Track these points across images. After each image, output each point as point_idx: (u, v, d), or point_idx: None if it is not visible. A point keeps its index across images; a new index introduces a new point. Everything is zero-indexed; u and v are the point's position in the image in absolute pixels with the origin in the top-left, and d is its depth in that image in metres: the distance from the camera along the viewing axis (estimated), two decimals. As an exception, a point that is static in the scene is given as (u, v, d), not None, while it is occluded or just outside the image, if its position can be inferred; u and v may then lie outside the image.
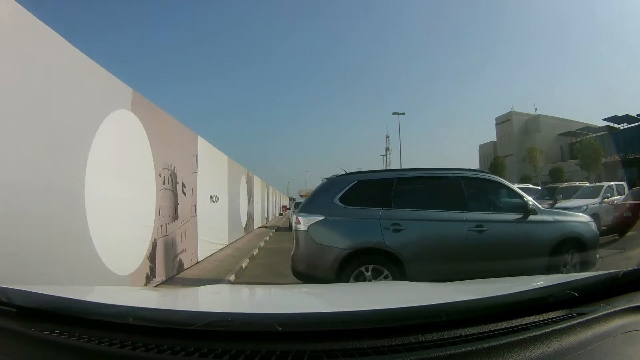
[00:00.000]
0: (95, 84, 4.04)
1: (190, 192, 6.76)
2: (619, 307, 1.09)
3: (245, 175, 13.57)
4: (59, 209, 3.31)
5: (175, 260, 6.02)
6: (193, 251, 6.89)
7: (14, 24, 2.90)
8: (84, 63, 3.81)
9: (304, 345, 0.91)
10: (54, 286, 2.08)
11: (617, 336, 0.98)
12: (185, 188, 6.43)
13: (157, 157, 5.38)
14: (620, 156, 33.91)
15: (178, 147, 6.31)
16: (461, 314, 1.05)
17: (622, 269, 1.17)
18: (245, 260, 7.60)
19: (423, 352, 0.89)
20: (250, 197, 14.53)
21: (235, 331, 0.96)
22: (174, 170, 5.98)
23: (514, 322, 1.02)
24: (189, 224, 6.65)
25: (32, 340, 0.99)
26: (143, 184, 5.01)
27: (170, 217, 5.83)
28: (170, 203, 5.83)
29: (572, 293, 1.11)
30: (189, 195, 6.64)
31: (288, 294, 1.95)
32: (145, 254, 5.02)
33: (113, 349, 0.92)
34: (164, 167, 5.64)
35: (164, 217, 5.57)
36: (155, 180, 5.32)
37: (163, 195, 5.58)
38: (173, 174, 5.96)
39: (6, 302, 1.09)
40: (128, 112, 4.79)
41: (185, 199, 6.44)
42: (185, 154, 6.68)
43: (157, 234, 5.35)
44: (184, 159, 6.58)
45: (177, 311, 1.22)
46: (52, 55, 3.33)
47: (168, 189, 5.78)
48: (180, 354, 0.89)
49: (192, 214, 6.84)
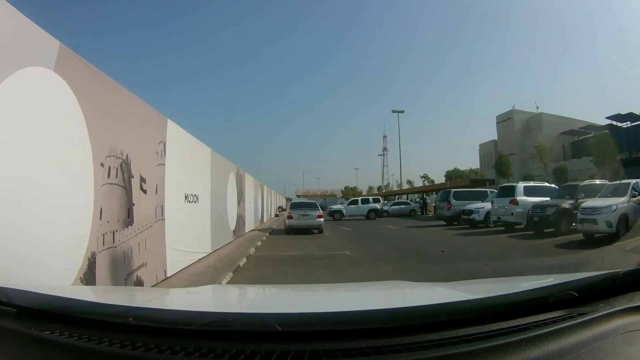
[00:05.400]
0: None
1: (154, 189, 5.25)
2: (619, 307, 1.08)
3: (235, 173, 12.04)
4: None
5: (129, 279, 4.52)
6: (159, 265, 5.39)
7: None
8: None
9: (304, 345, 0.90)
10: (54, 286, 2.20)
11: (617, 336, 0.98)
12: (145, 184, 4.93)
13: (98, 139, 3.90)
14: (624, 155, 33.31)
15: (135, 130, 4.81)
16: (461, 314, 1.04)
17: (622, 269, 1.15)
18: (227, 274, 6.10)
19: (423, 352, 0.89)
20: (241, 197, 12.99)
21: (235, 331, 0.95)
22: (126, 160, 4.48)
23: (514, 322, 1.02)
24: (153, 231, 5.15)
25: (32, 340, 0.98)
26: (72, 175, 3.51)
27: (121, 222, 4.33)
28: (120, 203, 4.33)
29: (572, 293, 1.11)
30: (151, 193, 5.13)
31: (288, 294, 1.94)
32: (77, 274, 3.53)
33: (113, 349, 0.92)
34: (109, 154, 4.15)
35: (108, 222, 4.08)
36: (93, 171, 3.83)
37: (107, 193, 4.08)
38: (125, 165, 4.46)
39: (6, 302, 1.07)
40: (50, 72, 3.32)
41: (145, 199, 4.94)
42: (147, 140, 5.17)
43: (97, 245, 3.85)
44: (145, 147, 5.08)
45: (177, 311, 1.21)
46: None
47: (116, 184, 4.28)
48: (180, 354, 0.89)
49: (158, 218, 5.34)
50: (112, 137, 4.23)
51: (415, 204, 32.44)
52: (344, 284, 3.40)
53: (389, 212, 28.96)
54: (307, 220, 14.36)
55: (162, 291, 2.67)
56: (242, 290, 2.41)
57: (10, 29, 2.90)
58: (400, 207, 30.04)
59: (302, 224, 14.30)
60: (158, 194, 5.34)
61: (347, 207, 26.71)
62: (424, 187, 45.54)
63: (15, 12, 2.96)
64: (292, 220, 14.42)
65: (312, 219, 14.37)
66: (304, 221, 14.34)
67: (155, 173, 5.30)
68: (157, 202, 5.31)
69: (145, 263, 4.91)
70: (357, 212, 26.20)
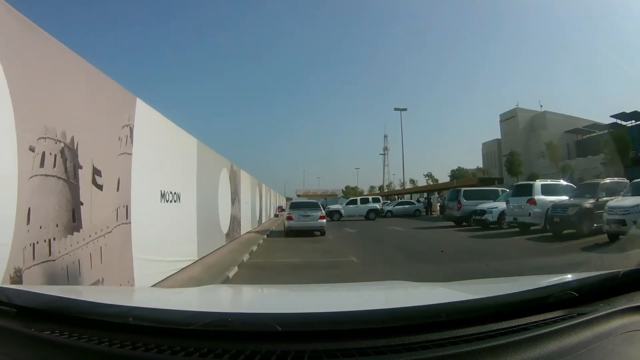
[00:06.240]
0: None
1: (115, 184, 4.15)
2: (619, 307, 1.08)
3: (228, 169, 10.92)
4: None
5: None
6: (123, 280, 4.29)
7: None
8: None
9: (304, 345, 0.90)
10: (54, 286, 2.21)
11: (617, 336, 0.98)
12: (100, 177, 3.83)
13: (27, 114, 2.82)
14: (631, 154, 32.62)
15: (87, 107, 3.72)
16: (461, 314, 1.03)
17: (622, 269, 1.14)
18: (212, 288, 5.02)
19: (423, 352, 0.88)
20: (235, 196, 11.88)
21: (235, 331, 0.94)
22: (71, 145, 3.39)
23: (514, 322, 1.01)
24: (113, 237, 4.05)
25: (32, 340, 0.97)
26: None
27: (61, 228, 3.24)
28: (60, 202, 3.23)
29: (572, 293, 1.10)
30: (110, 189, 4.03)
31: (288, 294, 1.91)
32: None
33: (113, 349, 0.91)
34: (43, 136, 3.06)
35: (41, 227, 2.99)
36: (16, 157, 2.76)
37: (40, 188, 3.00)
38: (69, 151, 3.36)
39: (6, 302, 1.06)
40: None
41: (101, 197, 3.84)
42: (106, 121, 4.07)
43: (24, 259, 2.77)
44: (102, 130, 3.98)
45: (177, 311, 1.18)
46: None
47: (55, 176, 3.19)
48: (180, 354, 0.88)
49: (121, 221, 4.24)
50: (49, 113, 3.15)
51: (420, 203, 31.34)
52: (344, 284, 3.41)
53: (392, 212, 28.01)
54: (308, 222, 13.21)
55: (162, 291, 2.68)
56: (242, 290, 2.39)
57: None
58: (404, 207, 28.95)
59: (302, 225, 13.16)
60: (121, 191, 4.23)
61: (345, 207, 25.43)
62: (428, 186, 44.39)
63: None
64: (291, 222, 13.27)
65: (314, 220, 13.20)
66: (305, 222, 13.20)
67: (117, 164, 4.20)
68: (120, 201, 4.21)
69: (102, 279, 3.81)
70: (356, 212, 25.09)
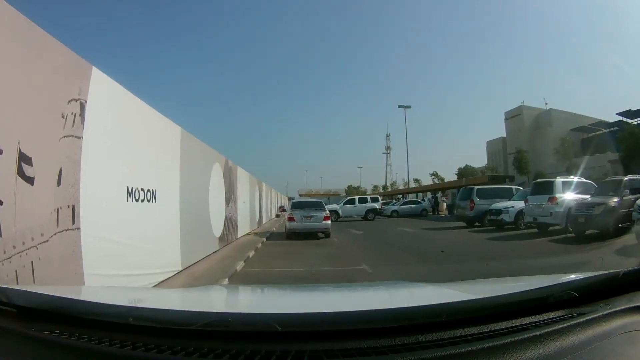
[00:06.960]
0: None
1: (55, 176, 3.06)
2: (619, 307, 1.07)
3: (222, 165, 9.80)
4: None
5: None
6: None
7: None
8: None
9: (304, 345, 0.90)
10: (54, 286, 2.19)
11: (617, 336, 0.98)
12: (31, 167, 2.76)
13: None
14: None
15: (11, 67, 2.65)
16: (461, 314, 1.03)
17: (622, 269, 1.14)
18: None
19: (423, 352, 0.88)
20: (231, 195, 10.78)
21: (235, 331, 0.94)
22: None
23: (514, 322, 1.01)
24: (51, 248, 2.97)
25: (32, 340, 0.97)
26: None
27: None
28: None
29: (572, 293, 1.10)
30: (45, 183, 2.95)
31: (288, 294, 1.91)
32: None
33: (113, 349, 0.91)
34: None
35: None
36: None
37: None
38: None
39: (6, 302, 1.06)
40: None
41: (31, 193, 2.77)
42: (41, 91, 2.99)
43: None
44: (36, 102, 2.90)
45: (177, 311, 1.20)
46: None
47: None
48: (180, 354, 0.88)
49: (63, 226, 3.15)
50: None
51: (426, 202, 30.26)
52: (344, 284, 3.36)
53: (398, 211, 27.01)
54: (311, 223, 11.98)
55: (162, 291, 2.78)
56: (242, 290, 2.38)
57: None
58: (411, 207, 27.85)
59: (305, 227, 11.93)
60: (64, 186, 3.15)
61: (343, 207, 24.11)
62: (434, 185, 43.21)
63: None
64: (293, 223, 12.07)
65: (318, 221, 11.98)
66: (308, 224, 11.97)
67: (58, 150, 3.11)
68: (62, 200, 3.13)
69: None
70: (354, 212, 23.91)
